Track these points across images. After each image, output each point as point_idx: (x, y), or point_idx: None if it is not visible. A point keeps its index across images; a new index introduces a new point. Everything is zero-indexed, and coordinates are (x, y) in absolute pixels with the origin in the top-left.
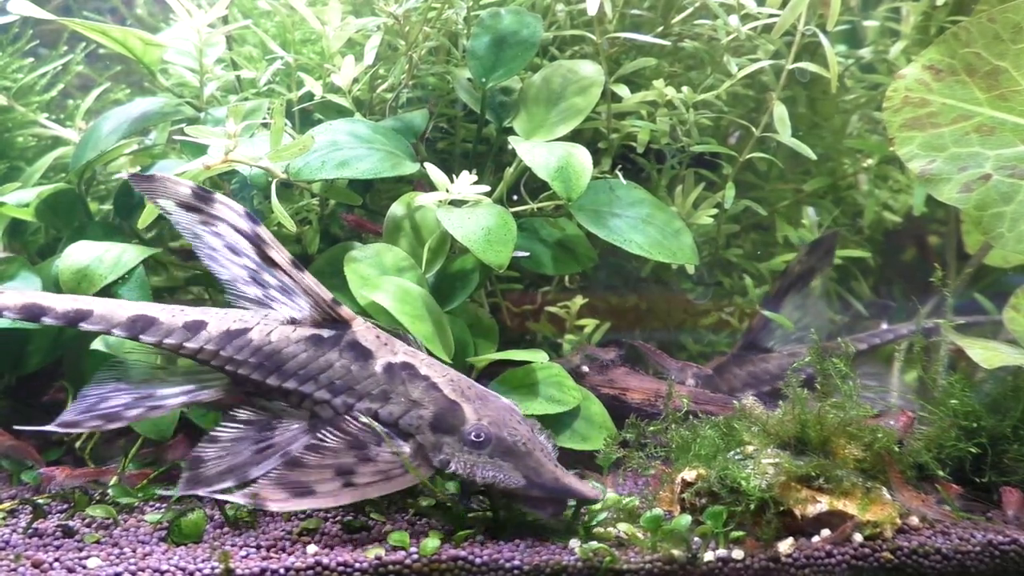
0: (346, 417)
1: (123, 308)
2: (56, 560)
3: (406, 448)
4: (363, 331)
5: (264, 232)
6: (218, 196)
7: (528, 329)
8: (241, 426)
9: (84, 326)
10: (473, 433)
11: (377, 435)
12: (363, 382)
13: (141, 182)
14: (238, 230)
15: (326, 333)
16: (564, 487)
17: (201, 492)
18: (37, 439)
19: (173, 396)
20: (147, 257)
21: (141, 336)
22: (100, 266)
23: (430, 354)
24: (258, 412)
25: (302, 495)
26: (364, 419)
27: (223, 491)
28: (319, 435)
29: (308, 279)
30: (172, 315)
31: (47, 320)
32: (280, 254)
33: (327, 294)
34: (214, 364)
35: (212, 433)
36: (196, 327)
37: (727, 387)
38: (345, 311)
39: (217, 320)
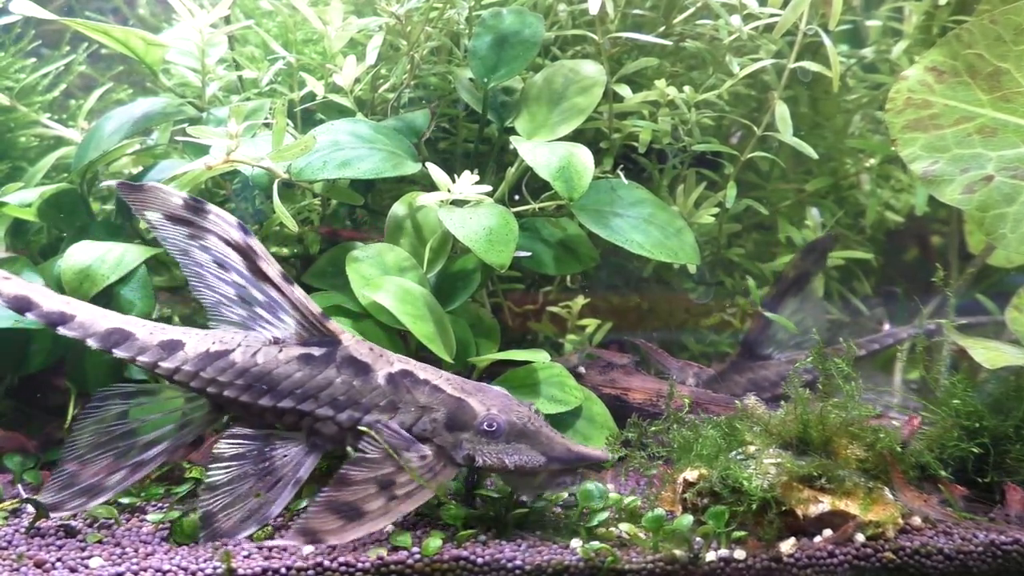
0: (377, 425)
1: (105, 319)
2: (58, 560)
3: (428, 452)
4: (355, 345)
5: (256, 244)
6: (211, 207)
7: (530, 329)
8: (233, 464)
9: (62, 330)
10: (486, 423)
11: (407, 440)
12: (368, 395)
13: (130, 192)
14: (229, 242)
15: (316, 351)
16: (578, 455)
17: (228, 540)
18: (38, 438)
19: (156, 445)
20: (149, 257)
21: (115, 350)
22: (102, 266)
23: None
24: (244, 444)
25: (354, 519)
26: (389, 428)
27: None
28: (360, 447)
29: (298, 292)
30: (150, 332)
31: (31, 316)
32: (271, 267)
33: (316, 308)
34: (194, 386)
35: (208, 481)
36: (172, 347)
37: (727, 394)
38: (333, 325)
39: (195, 341)
